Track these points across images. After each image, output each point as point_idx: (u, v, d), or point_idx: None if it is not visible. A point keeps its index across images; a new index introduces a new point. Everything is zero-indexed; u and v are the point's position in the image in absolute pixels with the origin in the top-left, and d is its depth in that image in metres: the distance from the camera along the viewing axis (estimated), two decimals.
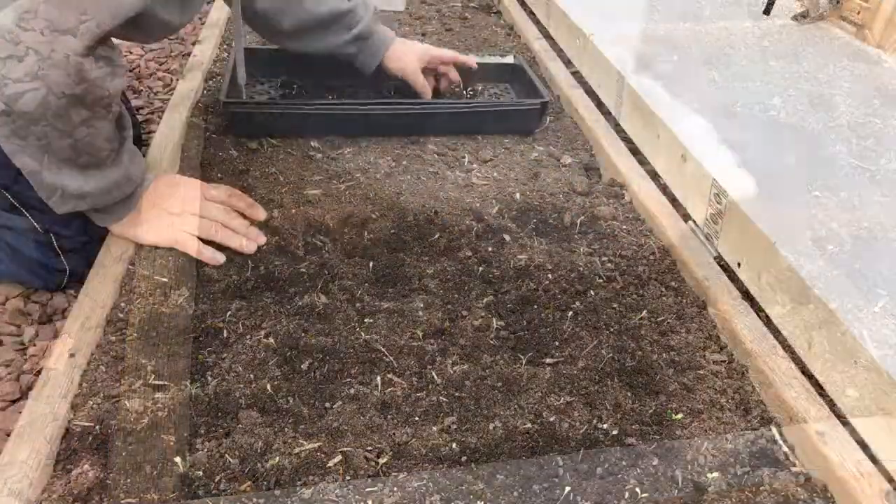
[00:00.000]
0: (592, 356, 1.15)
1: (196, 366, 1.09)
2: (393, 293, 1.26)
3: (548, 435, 1.00)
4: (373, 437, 1.00)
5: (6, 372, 1.28)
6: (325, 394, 1.06)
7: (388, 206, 1.50)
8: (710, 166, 1.41)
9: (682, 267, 1.36)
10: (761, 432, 1.04)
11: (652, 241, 1.42)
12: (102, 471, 0.93)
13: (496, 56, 2.06)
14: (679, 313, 1.25)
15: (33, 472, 0.91)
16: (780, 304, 1.20)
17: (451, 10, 2.65)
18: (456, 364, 1.12)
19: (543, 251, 1.38)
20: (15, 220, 1.37)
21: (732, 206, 1.32)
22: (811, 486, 0.97)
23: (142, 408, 1.01)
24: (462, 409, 1.05)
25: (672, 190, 1.57)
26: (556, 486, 0.94)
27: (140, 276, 1.26)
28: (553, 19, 2.35)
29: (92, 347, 1.11)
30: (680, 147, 1.50)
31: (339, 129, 1.73)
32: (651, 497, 0.93)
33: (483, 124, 1.79)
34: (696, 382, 1.12)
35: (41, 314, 1.40)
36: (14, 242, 1.38)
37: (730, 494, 0.95)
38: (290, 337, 1.15)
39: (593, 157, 1.73)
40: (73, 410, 1.01)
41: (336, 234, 1.41)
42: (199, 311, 1.20)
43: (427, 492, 0.92)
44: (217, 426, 1.00)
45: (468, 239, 1.40)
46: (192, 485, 0.92)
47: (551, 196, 1.56)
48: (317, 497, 0.91)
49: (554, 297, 1.27)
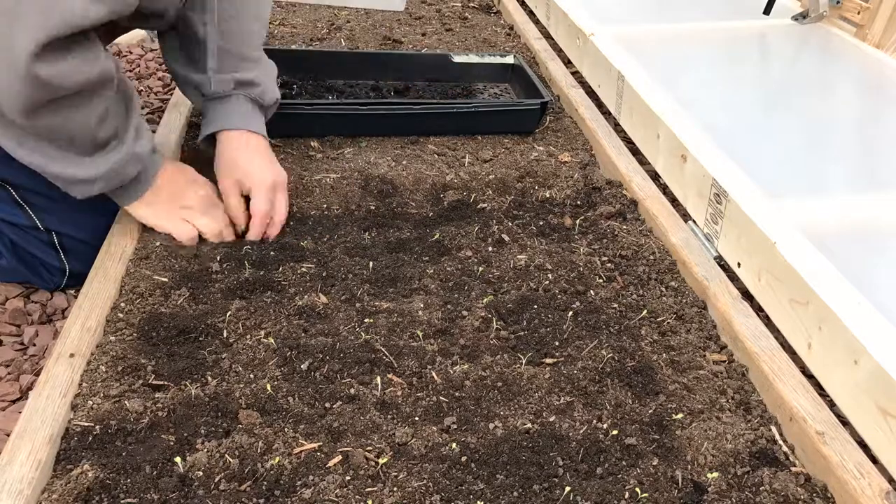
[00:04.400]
0: (592, 356, 1.15)
1: (196, 366, 1.09)
2: (393, 293, 1.26)
3: (548, 435, 1.00)
4: (373, 437, 1.00)
5: (6, 372, 1.28)
6: (325, 394, 1.06)
7: (387, 204, 1.50)
8: (710, 166, 1.41)
9: (682, 267, 1.36)
10: (761, 432, 1.04)
11: (652, 241, 1.42)
12: (102, 471, 0.93)
13: (496, 56, 2.07)
14: (679, 313, 1.25)
15: (33, 472, 0.91)
16: (779, 304, 1.20)
17: (451, 10, 2.66)
18: (456, 364, 1.12)
19: (543, 251, 1.38)
20: (18, 216, 1.37)
21: (732, 206, 1.32)
22: (811, 486, 0.97)
23: (142, 408, 1.01)
24: (462, 409, 1.05)
25: (672, 190, 1.57)
26: (556, 486, 0.94)
27: (140, 276, 1.26)
28: (553, 19, 2.35)
29: (92, 347, 1.11)
30: (680, 147, 1.50)
31: (339, 129, 1.73)
32: (651, 497, 0.93)
33: (484, 124, 1.79)
34: (696, 382, 1.12)
35: (41, 314, 1.40)
36: (16, 239, 1.38)
37: (730, 494, 0.95)
38: (290, 337, 1.15)
39: (593, 157, 1.73)
40: (73, 410, 1.01)
41: (336, 233, 1.41)
42: (199, 311, 1.19)
43: (427, 492, 0.92)
44: (217, 426, 1.00)
45: (468, 239, 1.40)
46: (192, 485, 0.92)
47: (551, 196, 1.56)
48: (317, 497, 0.91)
49: (554, 297, 1.27)
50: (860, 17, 1.92)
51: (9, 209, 1.36)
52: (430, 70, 2.03)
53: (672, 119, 1.57)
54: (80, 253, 1.39)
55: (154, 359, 1.10)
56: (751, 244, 1.27)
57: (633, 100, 1.73)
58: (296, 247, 1.36)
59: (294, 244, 1.37)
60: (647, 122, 1.66)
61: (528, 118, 1.81)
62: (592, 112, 1.86)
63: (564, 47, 2.25)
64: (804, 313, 1.13)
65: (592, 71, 1.99)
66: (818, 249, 1.18)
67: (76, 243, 1.40)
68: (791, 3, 2.16)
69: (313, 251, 1.35)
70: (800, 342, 1.15)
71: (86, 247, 1.38)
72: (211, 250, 1.34)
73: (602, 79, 1.92)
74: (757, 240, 1.24)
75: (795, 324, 1.16)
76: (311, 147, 1.68)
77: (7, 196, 1.35)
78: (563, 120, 1.90)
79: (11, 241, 1.39)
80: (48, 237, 1.38)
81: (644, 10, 2.30)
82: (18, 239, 1.38)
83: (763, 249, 1.23)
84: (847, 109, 1.75)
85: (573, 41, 2.14)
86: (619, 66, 1.82)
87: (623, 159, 1.65)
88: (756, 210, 1.28)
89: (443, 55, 2.06)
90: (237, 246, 1.35)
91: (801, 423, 1.02)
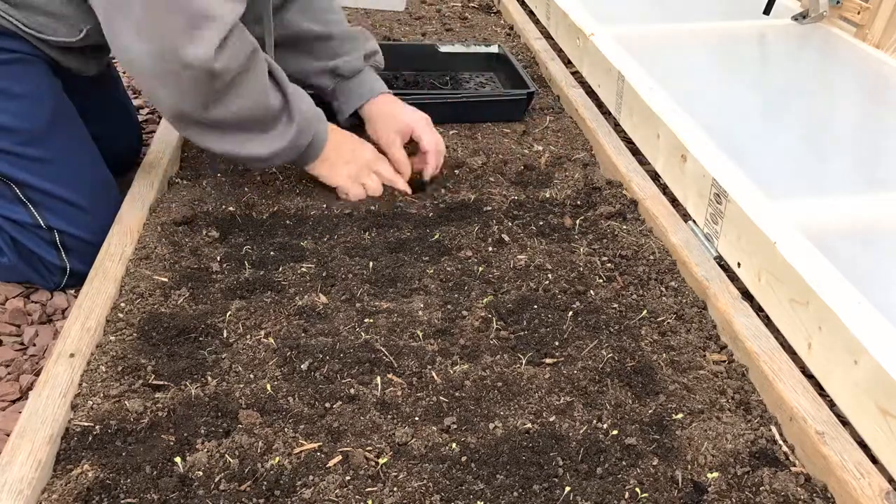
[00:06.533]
0: (592, 356, 1.15)
1: (196, 366, 1.09)
2: (393, 293, 1.26)
3: (548, 435, 1.00)
4: (373, 437, 1.00)
5: (6, 372, 1.28)
6: (325, 394, 1.06)
7: (386, 204, 1.50)
8: (710, 166, 1.40)
9: (682, 267, 1.36)
10: (761, 432, 1.04)
11: (652, 241, 1.42)
12: (102, 471, 0.93)
13: (481, 46, 2.09)
14: (679, 313, 1.25)
15: (33, 472, 0.91)
16: (779, 304, 1.20)
17: (451, 10, 2.66)
18: (456, 364, 1.12)
19: (543, 251, 1.38)
20: (20, 213, 1.37)
21: (732, 206, 1.32)
22: (811, 486, 0.97)
23: (142, 408, 1.01)
24: (462, 409, 1.05)
25: (672, 190, 1.57)
26: (556, 486, 0.94)
27: (140, 276, 1.26)
28: (553, 19, 2.35)
29: (92, 347, 1.11)
30: (680, 147, 1.50)
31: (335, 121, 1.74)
32: (651, 497, 0.93)
33: (472, 113, 1.84)
34: (696, 382, 1.12)
35: (41, 314, 1.40)
36: (17, 236, 1.39)
37: (730, 494, 0.95)
38: (290, 337, 1.15)
39: (593, 157, 1.73)
40: (73, 410, 1.01)
41: (336, 233, 1.41)
42: (199, 311, 1.20)
43: (427, 492, 0.92)
44: (217, 426, 1.00)
45: (468, 239, 1.41)
46: (192, 485, 0.92)
47: (551, 196, 1.56)
48: (317, 497, 0.91)
49: (554, 297, 1.27)
50: (860, 17, 1.92)
51: (11, 206, 1.37)
52: (416, 59, 2.07)
53: (672, 119, 1.57)
54: (81, 252, 1.39)
55: (154, 359, 1.10)
56: (751, 244, 1.27)
57: (633, 100, 1.73)
58: (296, 247, 1.36)
59: (294, 244, 1.37)
60: (647, 122, 1.66)
61: (514, 108, 1.87)
62: (592, 112, 1.86)
63: (564, 47, 2.25)
64: (804, 313, 1.13)
65: (592, 71, 2.00)
66: (818, 249, 1.18)
67: (77, 242, 1.40)
68: (791, 3, 2.16)
69: (313, 251, 1.36)
70: (800, 342, 1.15)
71: (87, 246, 1.38)
72: (211, 250, 1.34)
73: (602, 79, 1.92)
74: (757, 240, 1.24)
75: (795, 324, 1.16)
76: None
77: (10, 193, 1.35)
78: (563, 120, 1.90)
79: (12, 239, 1.39)
80: (50, 235, 1.38)
81: (644, 10, 2.30)
82: (20, 236, 1.39)
83: (763, 249, 1.23)
84: (847, 109, 1.75)
85: (573, 41, 2.14)
86: (619, 66, 1.82)
87: (623, 159, 1.65)
88: (756, 210, 1.28)
89: (430, 45, 2.11)
90: (237, 246, 1.36)
91: (801, 423, 1.02)
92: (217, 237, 1.38)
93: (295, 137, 1.37)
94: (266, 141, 1.35)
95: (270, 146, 1.35)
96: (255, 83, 1.29)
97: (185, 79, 1.21)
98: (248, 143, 1.34)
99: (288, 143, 1.37)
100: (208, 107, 1.26)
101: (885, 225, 1.32)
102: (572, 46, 2.16)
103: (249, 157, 1.37)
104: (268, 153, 1.36)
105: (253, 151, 1.35)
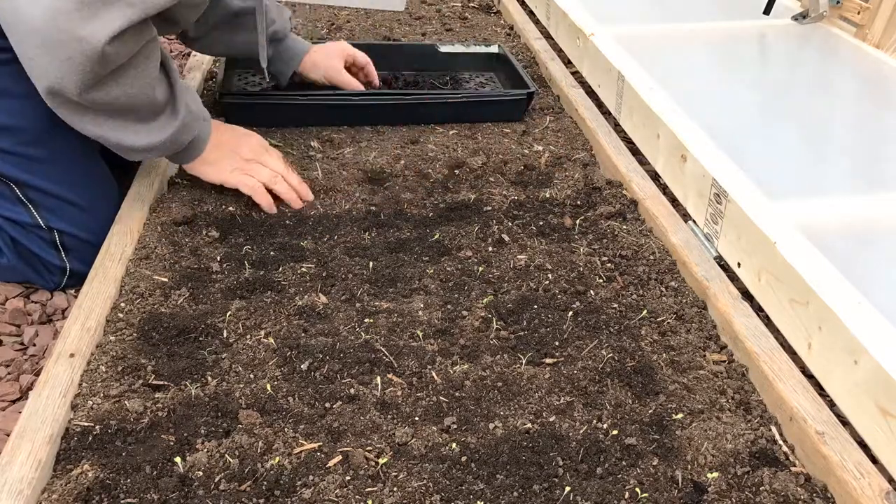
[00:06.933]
0: (592, 356, 1.15)
1: (196, 366, 1.09)
2: (393, 293, 1.26)
3: (548, 435, 1.00)
4: (373, 437, 1.00)
5: (6, 372, 1.28)
6: (325, 394, 1.06)
7: (386, 203, 1.50)
8: (710, 166, 1.40)
9: (682, 267, 1.36)
10: (761, 432, 1.04)
11: (652, 241, 1.42)
12: (102, 471, 0.93)
13: (481, 46, 2.09)
14: (679, 313, 1.25)
15: (33, 472, 0.91)
16: (779, 304, 1.20)
17: (451, 10, 2.66)
18: (456, 364, 1.12)
19: (543, 251, 1.39)
20: (20, 214, 1.37)
21: (732, 206, 1.32)
22: (811, 486, 0.97)
23: (142, 408, 1.01)
24: (462, 409, 1.05)
25: (672, 190, 1.57)
26: (556, 486, 0.94)
27: (140, 276, 1.26)
28: (553, 19, 2.35)
29: (92, 347, 1.11)
30: (680, 147, 1.50)
31: (334, 120, 1.76)
32: (651, 497, 0.93)
33: (473, 113, 1.84)
34: (696, 382, 1.12)
35: (41, 314, 1.39)
36: (17, 236, 1.38)
37: (730, 494, 0.95)
38: (290, 337, 1.15)
39: (593, 157, 1.73)
40: (73, 410, 1.01)
41: (336, 233, 1.41)
42: (199, 311, 1.20)
43: (427, 492, 0.92)
44: (217, 426, 1.00)
45: (468, 239, 1.41)
46: (192, 485, 0.92)
47: (551, 196, 1.56)
48: (317, 497, 0.91)
49: (554, 297, 1.27)
50: (860, 17, 1.92)
51: (11, 206, 1.37)
52: (416, 60, 2.07)
53: (672, 119, 1.57)
54: (81, 252, 1.39)
55: (154, 359, 1.10)
56: (751, 244, 1.27)
57: (633, 100, 1.73)
58: (296, 247, 1.36)
59: (294, 244, 1.37)
60: (647, 122, 1.66)
61: (514, 108, 1.87)
62: (592, 112, 1.86)
63: (564, 47, 2.25)
64: (804, 313, 1.13)
65: (592, 71, 2.00)
66: (818, 249, 1.18)
67: (77, 242, 1.40)
68: (791, 3, 2.16)
69: (313, 251, 1.36)
70: (800, 342, 1.15)
71: (87, 246, 1.38)
72: (211, 250, 1.34)
73: (602, 79, 1.92)
74: (757, 240, 1.24)
75: (795, 324, 1.16)
76: (311, 147, 1.68)
77: (10, 193, 1.35)
78: (563, 120, 1.90)
79: (12, 239, 1.39)
80: (50, 235, 1.38)
81: (644, 10, 2.30)
82: (20, 236, 1.38)
83: (763, 249, 1.23)
84: (847, 109, 1.75)
85: (573, 41, 2.14)
86: (619, 66, 1.82)
87: (623, 159, 1.65)
88: (756, 210, 1.28)
89: (429, 45, 2.11)
90: (237, 246, 1.36)
91: (801, 423, 1.02)
92: (217, 237, 1.38)
93: (176, 133, 1.34)
94: (144, 132, 1.31)
95: (148, 138, 1.32)
96: (143, 74, 1.25)
97: (73, 53, 1.13)
98: (124, 131, 1.29)
99: (168, 137, 1.33)
100: (88, 88, 1.18)
101: (884, 225, 1.32)
102: (572, 46, 2.16)
103: (124, 146, 1.32)
104: (145, 144, 1.32)
105: (129, 141, 1.31)
